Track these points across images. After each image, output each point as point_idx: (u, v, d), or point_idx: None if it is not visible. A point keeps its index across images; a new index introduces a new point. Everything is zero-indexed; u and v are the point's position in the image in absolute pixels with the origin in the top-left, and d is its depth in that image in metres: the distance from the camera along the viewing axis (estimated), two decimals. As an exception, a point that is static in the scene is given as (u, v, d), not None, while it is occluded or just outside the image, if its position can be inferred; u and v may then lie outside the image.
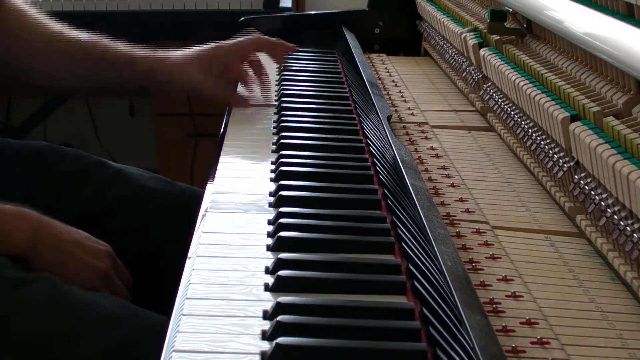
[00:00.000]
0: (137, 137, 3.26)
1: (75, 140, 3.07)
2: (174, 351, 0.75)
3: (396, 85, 1.75)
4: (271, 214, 1.04)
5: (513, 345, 0.82)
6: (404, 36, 2.08)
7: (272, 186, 1.12)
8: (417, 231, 0.99)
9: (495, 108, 1.41)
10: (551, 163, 1.15)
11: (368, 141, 1.27)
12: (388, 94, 1.67)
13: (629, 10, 1.02)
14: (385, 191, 1.08)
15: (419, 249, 0.94)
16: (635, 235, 0.91)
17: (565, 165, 1.11)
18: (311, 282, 0.87)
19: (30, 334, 1.07)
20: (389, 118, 1.41)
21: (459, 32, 1.60)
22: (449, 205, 1.15)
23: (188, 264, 0.92)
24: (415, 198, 1.04)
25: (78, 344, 1.07)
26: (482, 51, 1.45)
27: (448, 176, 1.25)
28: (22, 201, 1.24)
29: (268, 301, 0.84)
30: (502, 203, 1.17)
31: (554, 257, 1.02)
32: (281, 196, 1.08)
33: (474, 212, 1.13)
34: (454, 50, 1.68)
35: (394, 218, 1.00)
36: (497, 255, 1.01)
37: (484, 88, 1.47)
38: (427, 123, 1.50)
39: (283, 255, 0.92)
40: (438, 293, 0.85)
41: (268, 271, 0.90)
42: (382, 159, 1.19)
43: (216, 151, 1.29)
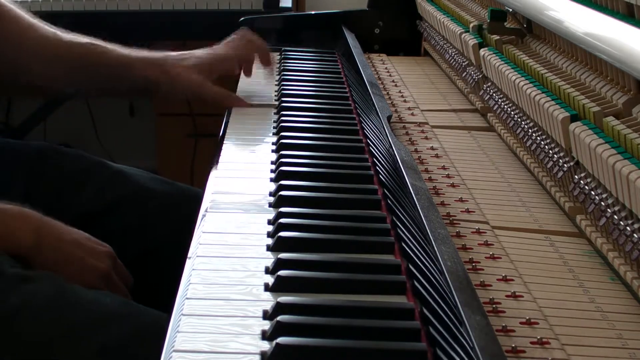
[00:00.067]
0: (137, 137, 3.26)
1: (75, 140, 3.07)
2: (174, 351, 0.75)
3: (396, 85, 1.75)
4: (271, 214, 1.04)
5: (513, 345, 0.82)
6: (404, 36, 2.08)
7: (272, 186, 1.12)
8: (417, 231, 0.99)
9: (495, 108, 1.41)
10: (551, 163, 1.15)
11: (368, 141, 1.27)
12: (388, 94, 1.67)
13: (629, 10, 1.02)
14: (385, 191, 1.08)
15: (419, 249, 0.94)
16: (635, 235, 0.91)
17: (565, 165, 1.11)
18: (311, 282, 0.87)
19: (33, 331, 1.07)
20: (389, 118, 1.41)
21: (459, 32, 1.60)
22: (449, 205, 1.15)
23: (188, 264, 0.92)
24: (415, 198, 1.04)
25: (80, 341, 1.07)
26: (482, 51, 1.45)
27: (448, 176, 1.25)
28: (22, 201, 1.24)
29: (268, 301, 0.84)
30: (502, 203, 1.17)
31: (554, 257, 1.02)
32: (281, 196, 1.08)
33: (474, 212, 1.13)
34: (454, 50, 1.68)
35: (394, 218, 1.00)
36: (497, 255, 1.01)
37: (484, 88, 1.47)
38: (427, 123, 1.50)
39: (283, 255, 0.92)
40: (438, 293, 0.85)
41: (268, 271, 0.90)
42: (382, 159, 1.19)
43: (216, 151, 1.29)
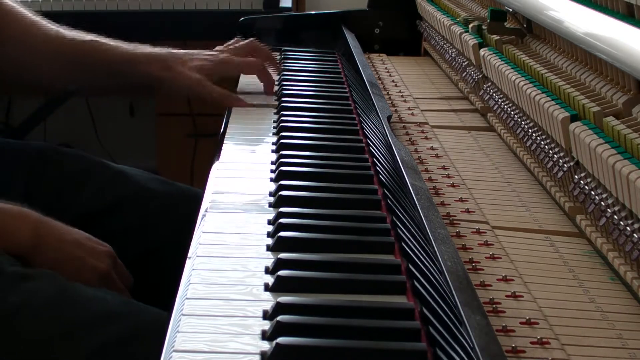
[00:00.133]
0: (137, 137, 3.26)
1: (75, 140, 3.07)
2: (174, 351, 0.75)
3: (396, 85, 1.75)
4: (271, 214, 1.04)
5: (513, 345, 0.82)
6: (404, 36, 2.08)
7: (272, 186, 1.12)
8: (417, 231, 0.99)
9: (495, 108, 1.41)
10: (551, 163, 1.15)
11: (368, 141, 1.27)
12: (388, 94, 1.67)
13: (629, 10, 1.02)
14: (385, 191, 1.08)
15: (419, 249, 0.94)
16: (635, 235, 0.91)
17: (565, 165, 1.11)
18: (311, 282, 0.87)
19: (33, 330, 1.08)
20: (389, 118, 1.41)
21: (459, 32, 1.60)
22: (449, 205, 1.15)
23: (188, 264, 0.92)
24: (415, 198, 1.04)
25: (80, 340, 1.07)
26: (482, 51, 1.45)
27: (448, 176, 1.25)
28: (22, 201, 1.24)
29: (268, 301, 0.84)
30: (502, 203, 1.17)
31: (554, 257, 1.02)
32: (281, 196, 1.08)
33: (474, 212, 1.13)
34: (454, 50, 1.68)
35: (394, 218, 1.00)
36: (497, 255, 1.01)
37: (484, 88, 1.47)
38: (427, 123, 1.50)
39: (283, 255, 0.92)
40: (438, 293, 0.85)
41: (268, 271, 0.90)
42: (382, 159, 1.19)
43: (216, 151, 1.29)
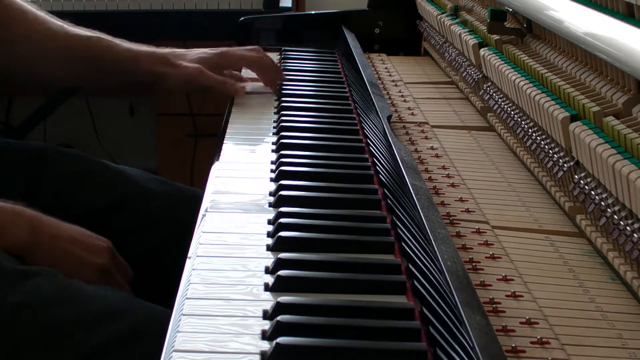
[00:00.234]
0: (137, 137, 3.26)
1: (75, 140, 3.07)
2: (174, 351, 0.75)
3: (396, 85, 1.75)
4: (271, 214, 1.04)
5: (513, 345, 0.82)
6: (404, 36, 2.08)
7: (272, 186, 1.12)
8: (417, 231, 0.99)
9: (495, 108, 1.41)
10: (551, 163, 1.15)
11: (368, 141, 1.27)
12: (388, 94, 1.67)
13: (629, 10, 1.02)
14: (385, 191, 1.08)
15: (419, 249, 0.94)
16: (635, 235, 0.91)
17: (565, 165, 1.11)
18: (311, 282, 0.87)
19: (35, 329, 1.07)
20: (389, 118, 1.41)
21: (459, 32, 1.59)
22: (449, 205, 1.15)
23: (188, 264, 0.92)
24: (415, 198, 1.04)
25: (81, 337, 1.07)
26: (482, 51, 1.45)
27: (448, 176, 1.25)
28: (22, 201, 1.24)
29: (268, 301, 0.84)
30: (502, 203, 1.17)
31: (554, 257, 1.02)
32: (281, 196, 1.08)
33: (474, 212, 1.13)
34: (454, 50, 1.68)
35: (394, 218, 1.00)
36: (497, 255, 1.01)
37: (484, 88, 1.47)
38: (427, 123, 1.50)
39: (283, 255, 0.92)
40: (438, 293, 0.85)
41: (268, 271, 0.90)
42: (382, 159, 1.19)
43: (216, 151, 1.29)
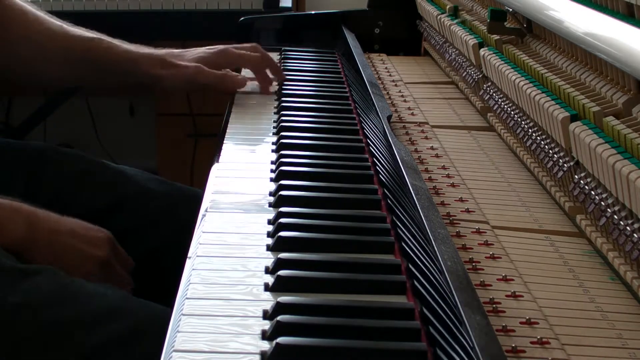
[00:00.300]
0: (137, 137, 3.26)
1: (75, 140, 3.07)
2: (174, 351, 0.75)
3: (396, 85, 1.75)
4: (271, 214, 1.04)
5: (513, 345, 0.82)
6: (404, 36, 2.08)
7: (272, 186, 1.12)
8: (417, 231, 0.99)
9: (495, 108, 1.41)
10: (551, 163, 1.15)
11: (368, 141, 1.27)
12: (388, 94, 1.67)
13: (629, 10, 1.02)
14: (385, 191, 1.08)
15: (419, 249, 0.94)
16: (635, 235, 0.91)
17: (565, 165, 1.11)
18: (311, 282, 0.87)
19: (35, 328, 1.07)
20: (389, 118, 1.41)
21: (459, 32, 1.59)
22: (449, 205, 1.15)
23: (188, 264, 0.92)
24: (415, 198, 1.04)
25: (81, 336, 1.07)
26: (482, 51, 1.45)
27: (448, 176, 1.25)
28: (22, 201, 1.24)
29: (268, 301, 0.84)
30: (502, 203, 1.17)
31: (554, 257, 1.02)
32: (281, 196, 1.08)
33: (474, 212, 1.13)
34: (454, 50, 1.68)
35: (394, 218, 1.00)
36: (497, 255, 1.01)
37: (484, 88, 1.47)
38: (427, 123, 1.50)
39: (283, 255, 0.92)
40: (438, 293, 0.85)
41: (268, 271, 0.90)
42: (382, 159, 1.19)
43: (216, 151, 1.29)
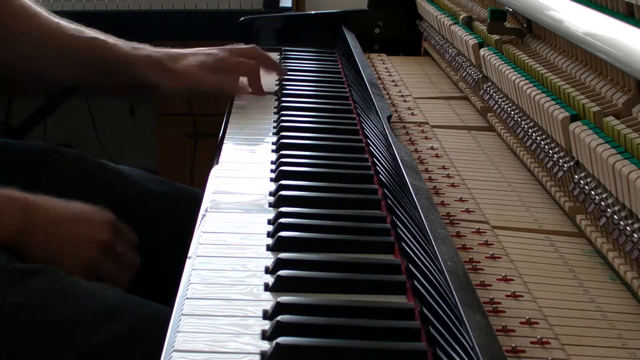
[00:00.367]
0: (137, 137, 3.26)
1: (75, 140, 3.07)
2: (174, 351, 0.75)
3: (396, 85, 1.75)
4: (271, 214, 1.04)
5: (513, 345, 0.82)
6: (404, 36, 2.08)
7: (272, 186, 1.12)
8: (417, 231, 0.99)
9: (495, 108, 1.41)
10: (551, 163, 1.15)
11: (368, 141, 1.27)
12: (388, 94, 1.67)
13: (629, 10, 1.02)
14: (385, 191, 1.08)
15: (419, 249, 0.94)
16: (635, 235, 0.91)
17: (565, 165, 1.11)
18: (311, 282, 0.87)
19: (35, 329, 1.07)
20: (389, 118, 1.41)
21: (459, 32, 1.60)
22: (449, 205, 1.15)
23: (188, 264, 0.92)
24: (415, 198, 1.04)
25: (82, 337, 1.07)
26: (482, 51, 1.45)
27: (448, 176, 1.25)
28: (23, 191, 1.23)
29: (268, 301, 0.84)
30: (502, 203, 1.17)
31: (554, 257, 1.02)
32: (281, 196, 1.08)
33: (474, 212, 1.13)
34: (454, 50, 1.68)
35: (394, 218, 1.00)
36: (497, 255, 1.01)
37: (484, 88, 1.47)
38: (427, 123, 1.50)
39: (283, 255, 0.92)
40: (438, 293, 0.85)
41: (268, 271, 0.90)
42: (382, 159, 1.19)
43: (216, 151, 1.29)
